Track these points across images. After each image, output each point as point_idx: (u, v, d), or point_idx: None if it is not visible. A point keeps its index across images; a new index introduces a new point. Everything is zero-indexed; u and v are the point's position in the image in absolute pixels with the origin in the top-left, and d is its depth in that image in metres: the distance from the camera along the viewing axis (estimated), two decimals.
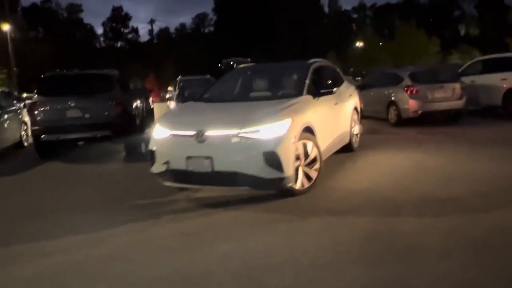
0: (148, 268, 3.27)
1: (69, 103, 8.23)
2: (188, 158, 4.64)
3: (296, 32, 49.96)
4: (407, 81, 10.63)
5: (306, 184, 4.89)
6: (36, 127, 8.23)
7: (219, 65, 47.51)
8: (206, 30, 63.82)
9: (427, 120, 10.62)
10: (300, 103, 5.20)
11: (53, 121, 8.16)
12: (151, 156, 5.09)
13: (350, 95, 7.31)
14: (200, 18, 65.88)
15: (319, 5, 55.48)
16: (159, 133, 5.12)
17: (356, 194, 4.94)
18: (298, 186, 4.77)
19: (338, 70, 7.73)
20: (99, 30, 53.67)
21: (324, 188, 5.17)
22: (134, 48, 55.23)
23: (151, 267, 3.28)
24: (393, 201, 4.57)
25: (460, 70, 12.67)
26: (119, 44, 53.08)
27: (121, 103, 8.47)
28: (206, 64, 48.48)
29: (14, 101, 11.12)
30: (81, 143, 9.65)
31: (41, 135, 8.18)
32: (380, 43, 40.67)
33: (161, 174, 4.94)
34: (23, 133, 10.30)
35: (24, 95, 23.59)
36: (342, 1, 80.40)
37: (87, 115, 8.18)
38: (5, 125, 9.39)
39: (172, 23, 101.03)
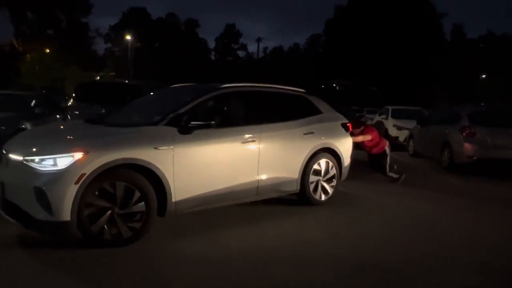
0: None
1: (98, 109, 8.89)
2: None
3: (410, 59, 47.38)
4: (465, 121, 9.30)
5: (109, 237, 3.88)
6: None
7: (322, 86, 47.61)
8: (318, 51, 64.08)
9: (491, 169, 9.09)
10: (136, 134, 4.19)
11: None
12: None
13: (310, 133, 5.61)
14: (314, 39, 66.51)
15: (440, 32, 51.84)
16: None
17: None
18: (107, 236, 3.88)
19: (307, 100, 6.06)
20: (211, 45, 57.76)
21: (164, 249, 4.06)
22: (245, 63, 58.07)
23: None
24: None
25: None
26: (227, 59, 56.35)
27: None
28: (313, 83, 48.95)
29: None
30: None
31: None
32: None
33: None
34: None
35: None
36: (467, 29, 73.60)
37: None
38: None
39: (286, 43, 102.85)
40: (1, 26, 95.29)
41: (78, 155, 3.73)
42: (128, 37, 40.75)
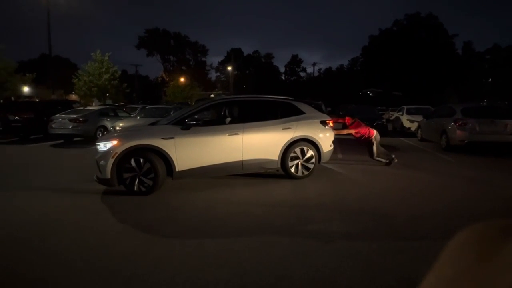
0: None
1: None
2: None
3: (428, 72, 42.77)
4: (458, 115, 8.52)
5: (126, 184, 4.33)
6: None
7: (360, 93, 45.59)
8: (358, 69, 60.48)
9: (479, 150, 8.33)
10: (152, 130, 4.52)
11: None
12: None
13: (289, 128, 5.13)
14: (354, 60, 62.93)
15: (452, 49, 45.85)
16: None
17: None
18: (136, 189, 4.33)
19: (292, 105, 5.38)
20: (282, 69, 57.50)
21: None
22: (305, 81, 57.03)
23: None
24: None
25: None
26: (293, 78, 55.66)
27: None
28: (353, 92, 47.12)
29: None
30: None
31: None
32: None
33: None
34: None
35: None
36: (476, 44, 63.80)
37: None
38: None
39: (334, 65, 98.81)
40: (155, 65, 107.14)
41: (114, 142, 4.33)
42: (229, 68, 42.17)
